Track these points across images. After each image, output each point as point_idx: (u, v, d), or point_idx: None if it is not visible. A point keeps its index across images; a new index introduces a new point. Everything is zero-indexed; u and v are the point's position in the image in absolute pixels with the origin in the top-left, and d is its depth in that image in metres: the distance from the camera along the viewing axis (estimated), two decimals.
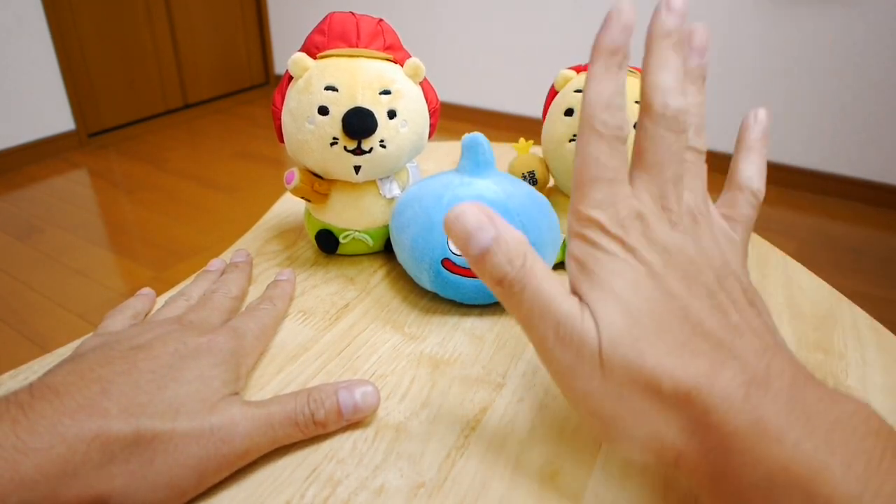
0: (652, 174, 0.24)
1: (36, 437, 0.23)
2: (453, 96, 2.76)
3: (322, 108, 0.39)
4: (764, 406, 0.20)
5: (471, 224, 0.23)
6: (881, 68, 1.92)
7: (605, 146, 0.24)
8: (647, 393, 0.22)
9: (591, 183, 0.24)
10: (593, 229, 0.24)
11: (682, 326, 0.22)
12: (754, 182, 0.29)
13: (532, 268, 0.23)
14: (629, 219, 0.24)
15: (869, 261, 1.77)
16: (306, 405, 0.29)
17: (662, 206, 0.24)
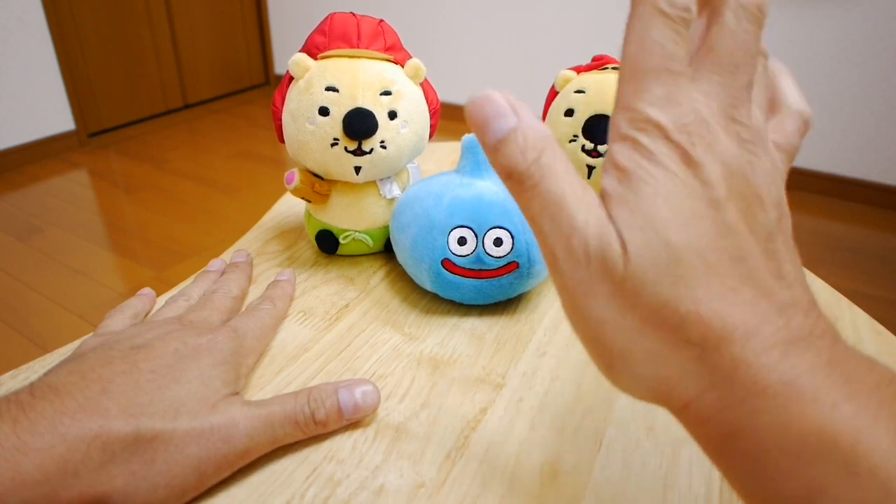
0: (725, 77, 0.20)
1: (36, 436, 0.23)
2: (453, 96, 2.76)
3: (323, 108, 0.39)
4: (802, 365, 0.18)
5: (489, 111, 0.20)
6: (881, 69, 1.92)
7: (670, 30, 0.19)
8: (672, 335, 0.19)
9: (652, 74, 0.19)
10: (651, 133, 0.19)
11: (734, 269, 0.19)
12: (801, 104, 0.25)
13: (550, 164, 0.20)
14: (696, 125, 0.19)
15: (869, 261, 1.77)
16: (306, 404, 0.29)
17: (732, 117, 0.20)
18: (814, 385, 0.18)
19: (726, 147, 0.20)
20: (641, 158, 0.19)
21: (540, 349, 0.36)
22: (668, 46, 0.19)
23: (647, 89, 0.20)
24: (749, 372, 0.18)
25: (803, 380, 0.18)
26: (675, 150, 0.19)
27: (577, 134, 0.44)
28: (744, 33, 0.20)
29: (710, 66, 0.20)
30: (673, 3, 0.19)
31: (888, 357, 0.37)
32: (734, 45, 0.20)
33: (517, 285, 0.39)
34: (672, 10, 0.19)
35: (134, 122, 2.74)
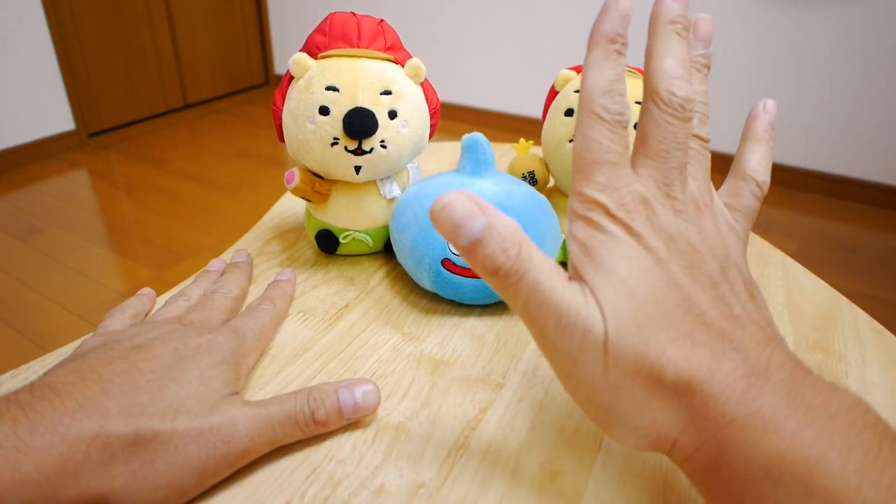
0: (657, 161, 0.24)
1: (36, 436, 0.23)
2: (453, 96, 2.76)
3: (323, 108, 0.39)
4: (763, 397, 0.20)
5: (458, 214, 0.22)
6: (881, 69, 1.92)
7: (606, 130, 0.23)
8: (649, 382, 0.22)
9: (594, 165, 0.23)
10: (597, 212, 0.23)
11: (686, 316, 0.22)
12: (759, 173, 0.28)
13: (528, 256, 0.22)
14: (634, 203, 0.23)
15: (869, 261, 1.77)
16: (306, 404, 0.29)
17: (667, 194, 0.24)
18: (776, 415, 0.20)
19: (663, 218, 0.23)
20: (594, 231, 0.23)
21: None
22: (605, 143, 0.23)
23: (591, 178, 0.23)
24: (716, 406, 0.21)
25: (766, 410, 0.20)
26: (619, 224, 0.23)
27: None
28: (668, 125, 0.24)
29: (644, 153, 0.24)
30: (607, 109, 0.23)
31: (888, 357, 0.37)
32: (661, 135, 0.24)
33: None
34: (607, 115, 0.23)
35: (134, 122, 2.74)
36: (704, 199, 0.25)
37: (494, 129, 2.61)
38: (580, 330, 0.22)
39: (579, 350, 0.22)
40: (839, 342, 0.39)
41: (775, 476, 0.19)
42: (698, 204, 0.25)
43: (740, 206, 0.28)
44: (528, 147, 0.48)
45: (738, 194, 0.28)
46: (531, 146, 0.48)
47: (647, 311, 0.22)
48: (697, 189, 0.25)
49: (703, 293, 0.23)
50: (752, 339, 0.22)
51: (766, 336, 0.23)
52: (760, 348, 0.22)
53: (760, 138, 0.29)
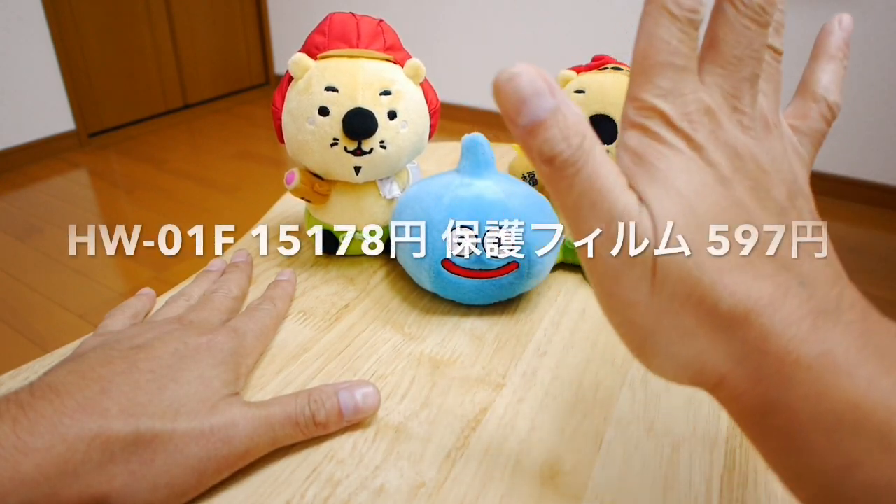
0: (728, 69, 0.21)
1: (36, 436, 0.23)
2: (453, 96, 2.76)
3: (322, 108, 0.39)
4: (833, 338, 0.19)
5: (527, 88, 0.20)
6: (882, 69, 1.92)
7: (676, 28, 0.21)
8: (699, 310, 0.20)
9: (659, 68, 0.21)
10: (656, 120, 0.21)
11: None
12: (831, 92, 0.26)
13: (591, 150, 0.20)
14: (698, 113, 0.21)
15: (869, 261, 1.77)
16: (307, 406, 0.29)
17: (734, 107, 0.21)
18: (847, 358, 0.18)
19: (729, 132, 0.21)
20: (651, 141, 0.21)
21: (540, 349, 0.36)
22: (673, 43, 0.21)
23: (653, 82, 0.21)
24: (780, 343, 0.19)
25: (836, 352, 0.18)
26: (680, 135, 0.20)
27: None
28: (744, 29, 0.21)
29: (713, 59, 0.22)
30: (680, 4, 0.21)
31: None
32: (735, 40, 0.21)
33: (517, 285, 0.39)
34: (679, 11, 0.21)
35: (134, 122, 2.74)
36: (774, 117, 0.23)
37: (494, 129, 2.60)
38: (629, 240, 0.20)
39: (625, 264, 0.20)
40: None
41: (848, 424, 0.18)
42: (768, 122, 0.23)
43: (808, 129, 0.25)
44: None
45: (806, 116, 0.26)
46: None
47: (706, 230, 0.20)
48: (768, 106, 0.23)
49: (769, 218, 0.21)
50: (821, 274, 0.20)
51: (836, 272, 0.21)
52: (830, 285, 0.20)
53: (834, 56, 0.27)
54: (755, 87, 0.22)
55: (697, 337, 0.20)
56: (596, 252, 0.21)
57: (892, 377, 0.18)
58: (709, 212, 0.20)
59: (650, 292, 0.20)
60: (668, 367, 0.21)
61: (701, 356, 0.20)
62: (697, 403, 0.33)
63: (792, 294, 0.20)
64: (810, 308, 0.19)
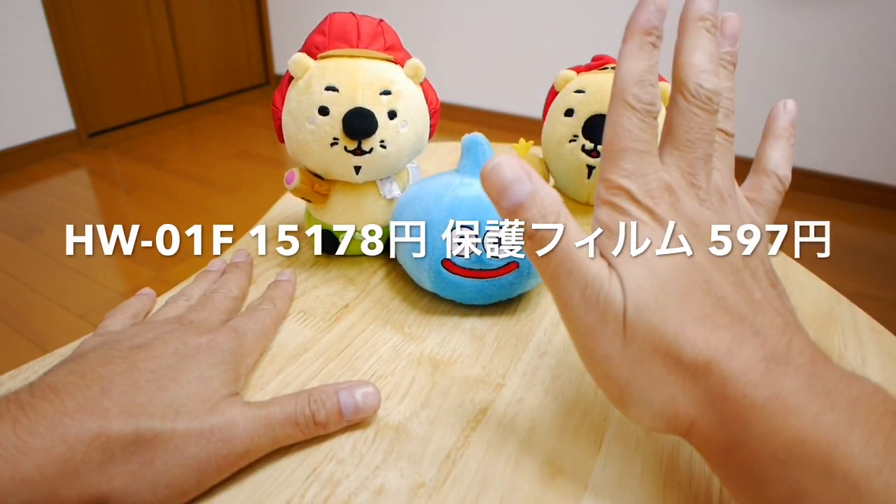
0: (683, 151, 0.25)
1: (36, 436, 0.23)
2: (453, 96, 2.76)
3: (322, 108, 0.39)
4: (784, 381, 0.21)
5: (507, 176, 0.23)
6: (882, 69, 1.92)
7: (636, 119, 0.24)
8: (666, 360, 0.22)
9: (622, 153, 0.24)
10: (622, 197, 0.24)
11: (706, 298, 0.23)
12: (780, 168, 0.29)
13: (565, 226, 0.23)
14: (658, 190, 0.24)
15: (869, 261, 1.77)
16: (307, 406, 0.29)
17: (691, 183, 0.24)
18: (796, 399, 0.20)
19: (687, 205, 0.24)
20: (619, 216, 0.24)
21: (540, 349, 0.36)
22: (634, 132, 0.24)
23: (619, 164, 0.24)
24: (737, 388, 0.21)
25: (786, 394, 0.20)
26: (643, 209, 0.24)
27: (577, 134, 0.44)
28: (694, 116, 0.25)
29: (670, 143, 0.25)
30: (639, 99, 0.24)
31: (888, 357, 0.37)
32: (687, 126, 0.25)
33: (517, 285, 0.39)
34: (638, 104, 0.24)
35: (134, 122, 2.74)
36: (728, 190, 0.26)
37: (494, 129, 2.61)
38: (602, 302, 0.23)
39: (600, 322, 0.23)
40: (839, 342, 0.39)
41: (796, 457, 0.20)
42: (722, 194, 0.25)
43: (762, 199, 0.29)
44: (528, 147, 0.48)
45: (760, 188, 0.29)
46: (531, 146, 0.48)
47: (668, 290, 0.22)
48: (721, 180, 0.26)
49: (724, 277, 0.23)
50: (771, 324, 0.23)
51: (786, 322, 0.23)
52: (780, 334, 0.22)
53: (781, 136, 0.30)
54: (709, 164, 0.25)
55: (668, 384, 0.22)
56: (574, 312, 0.23)
57: (834, 413, 0.20)
58: (670, 273, 0.23)
59: (623, 346, 0.23)
60: (645, 415, 0.24)
61: (672, 402, 0.23)
62: None
63: (747, 343, 0.22)
64: (763, 355, 0.21)
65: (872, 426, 0.20)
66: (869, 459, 0.19)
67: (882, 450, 0.19)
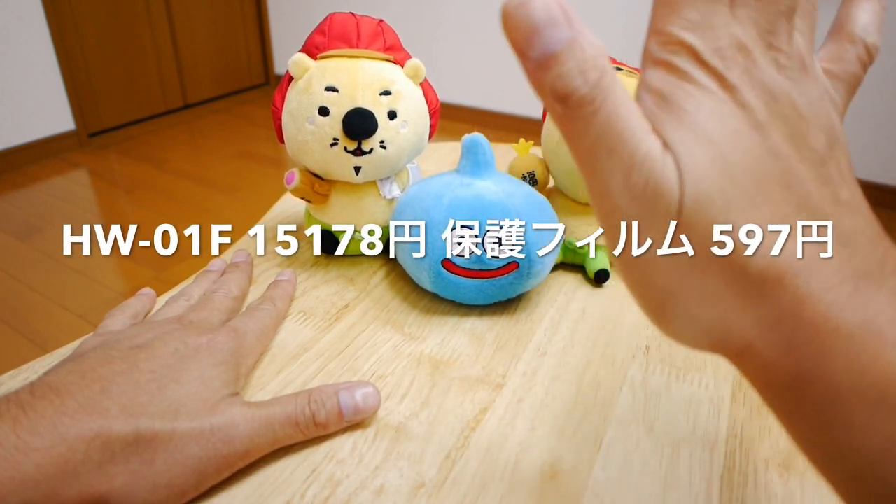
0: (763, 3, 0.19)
1: (37, 436, 0.23)
2: (453, 96, 2.76)
3: (322, 108, 0.39)
4: (877, 304, 0.17)
5: (539, 16, 0.17)
6: (882, 69, 1.92)
7: None
8: (728, 270, 0.18)
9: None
10: (683, 56, 0.18)
11: (786, 195, 0.18)
12: (870, 34, 0.24)
13: (611, 87, 0.17)
14: (730, 49, 0.18)
15: None
16: (307, 406, 0.29)
17: (770, 43, 0.19)
18: (893, 326, 0.17)
19: (765, 72, 0.19)
20: (678, 80, 0.18)
21: (540, 349, 0.36)
22: None
23: (680, 13, 0.18)
24: (817, 309, 0.17)
25: (881, 320, 0.17)
26: (710, 73, 0.18)
27: None
28: None
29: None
30: None
31: None
32: None
33: (517, 285, 0.39)
34: None
35: (134, 122, 2.74)
36: (810, 58, 0.21)
37: (494, 129, 2.61)
38: (651, 190, 0.18)
39: (646, 216, 0.18)
40: None
41: (893, 400, 0.16)
42: (804, 62, 0.20)
43: (843, 73, 0.23)
44: (528, 147, 0.48)
45: (841, 58, 0.24)
46: (531, 146, 0.48)
47: (739, 180, 0.18)
48: (804, 45, 0.21)
49: (807, 169, 0.19)
50: (862, 233, 0.19)
51: (878, 232, 0.19)
52: (873, 245, 0.18)
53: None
54: (792, 22, 0.20)
55: (724, 299, 0.18)
56: (614, 200, 0.18)
57: None
58: (742, 161, 0.18)
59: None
60: (688, 332, 0.19)
61: (726, 321, 0.18)
62: (697, 403, 0.33)
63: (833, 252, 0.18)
64: (851, 270, 0.18)
65: None
66: None
67: None
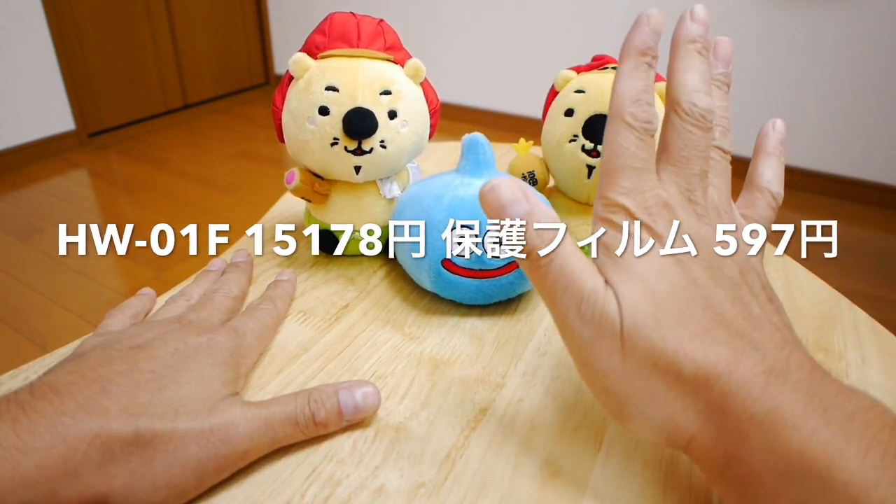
0: (679, 167, 0.25)
1: (36, 436, 0.23)
2: (453, 96, 2.76)
3: (322, 108, 0.39)
4: (782, 395, 0.21)
5: (505, 197, 0.24)
6: (882, 69, 1.92)
7: (634, 137, 0.24)
8: (666, 375, 0.22)
9: (620, 171, 0.24)
10: (620, 215, 0.24)
11: (705, 314, 0.23)
12: (773, 185, 0.30)
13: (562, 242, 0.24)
14: (656, 206, 0.24)
15: (869, 261, 1.77)
16: (307, 406, 0.29)
17: (689, 199, 0.25)
18: (794, 413, 0.20)
19: (685, 221, 0.24)
20: (616, 233, 0.24)
21: (540, 349, 0.36)
22: (631, 150, 0.24)
23: (616, 182, 0.24)
24: (736, 402, 0.21)
25: (784, 408, 0.21)
26: (641, 226, 0.24)
27: (577, 134, 0.44)
28: (688, 133, 0.25)
29: (666, 159, 0.25)
30: (636, 117, 0.24)
31: (888, 357, 0.37)
32: (682, 143, 0.25)
33: (517, 285, 0.39)
34: (635, 122, 0.24)
35: (134, 122, 2.74)
36: (725, 206, 0.26)
37: (494, 129, 2.61)
38: (598, 317, 0.23)
39: (597, 337, 0.23)
40: (839, 342, 0.39)
41: (794, 471, 0.20)
42: (719, 210, 0.26)
43: (756, 216, 0.29)
44: (528, 147, 0.48)
45: (754, 205, 0.29)
46: (531, 146, 0.48)
47: (666, 307, 0.23)
48: (718, 197, 0.26)
49: (722, 293, 0.23)
50: (770, 339, 0.23)
51: (784, 338, 0.23)
52: (779, 349, 0.22)
53: (772, 153, 0.31)
54: (705, 181, 0.25)
55: (667, 400, 0.23)
56: (571, 327, 0.24)
57: (832, 428, 0.20)
58: (668, 291, 0.23)
59: (621, 361, 0.23)
60: (645, 429, 0.24)
61: (672, 417, 0.23)
62: None
63: (746, 357, 0.22)
64: (762, 369, 0.22)
65: (870, 440, 0.20)
66: (867, 473, 0.19)
67: (880, 463, 0.19)
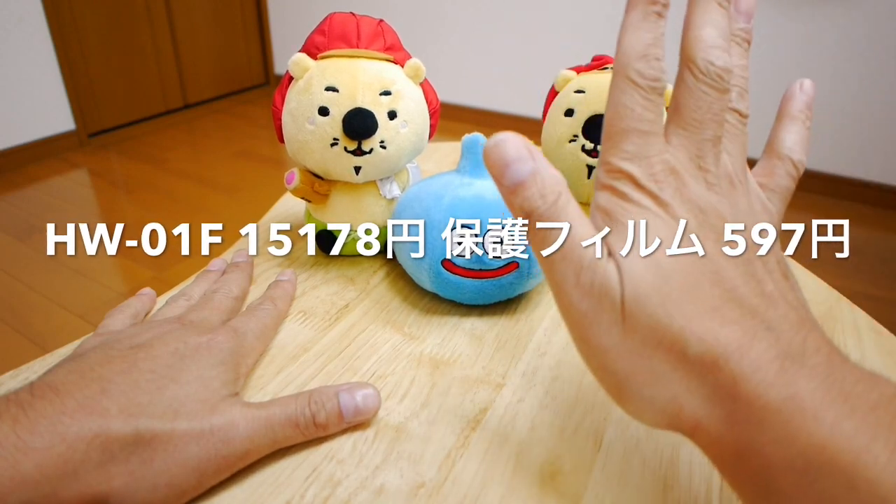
0: (690, 131, 0.23)
1: (36, 436, 0.23)
2: (453, 96, 2.76)
3: (322, 108, 0.39)
4: (799, 382, 0.19)
5: (510, 154, 0.22)
6: (882, 69, 1.92)
7: (640, 96, 0.22)
8: (670, 354, 0.21)
9: (624, 134, 0.22)
10: (624, 182, 0.22)
11: (714, 290, 0.21)
12: (795, 152, 0.27)
13: (564, 207, 0.22)
14: (663, 174, 0.22)
15: (869, 261, 1.77)
16: (307, 407, 0.29)
17: (699, 166, 0.23)
18: (814, 401, 0.19)
19: (694, 190, 0.22)
20: (620, 200, 0.22)
21: (540, 349, 0.36)
22: (637, 111, 0.22)
23: (620, 147, 0.22)
24: (749, 387, 0.19)
25: (802, 396, 0.19)
26: (646, 194, 0.22)
27: (577, 134, 0.44)
28: (703, 94, 0.23)
29: (676, 122, 0.23)
30: (642, 74, 0.22)
31: (888, 357, 0.37)
32: (695, 105, 0.23)
33: (517, 285, 0.39)
34: (641, 80, 0.22)
35: (134, 122, 2.74)
36: (739, 175, 0.24)
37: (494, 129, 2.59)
38: (598, 288, 0.21)
39: (596, 309, 0.21)
40: (839, 342, 0.39)
41: (816, 466, 0.18)
42: (732, 179, 0.24)
43: (775, 185, 0.27)
44: None
45: (772, 174, 0.27)
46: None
47: (673, 280, 0.21)
48: (732, 165, 0.24)
49: (734, 268, 0.22)
50: (785, 318, 0.21)
51: (801, 317, 0.21)
52: (795, 330, 0.21)
53: (796, 117, 0.28)
54: (718, 147, 0.23)
55: (671, 381, 0.21)
56: (569, 297, 0.22)
57: (854, 419, 0.18)
58: (674, 264, 0.21)
59: (622, 337, 0.21)
60: (646, 411, 0.22)
61: (677, 400, 0.21)
62: None
63: (759, 339, 0.20)
64: (777, 352, 0.20)
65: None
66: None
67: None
